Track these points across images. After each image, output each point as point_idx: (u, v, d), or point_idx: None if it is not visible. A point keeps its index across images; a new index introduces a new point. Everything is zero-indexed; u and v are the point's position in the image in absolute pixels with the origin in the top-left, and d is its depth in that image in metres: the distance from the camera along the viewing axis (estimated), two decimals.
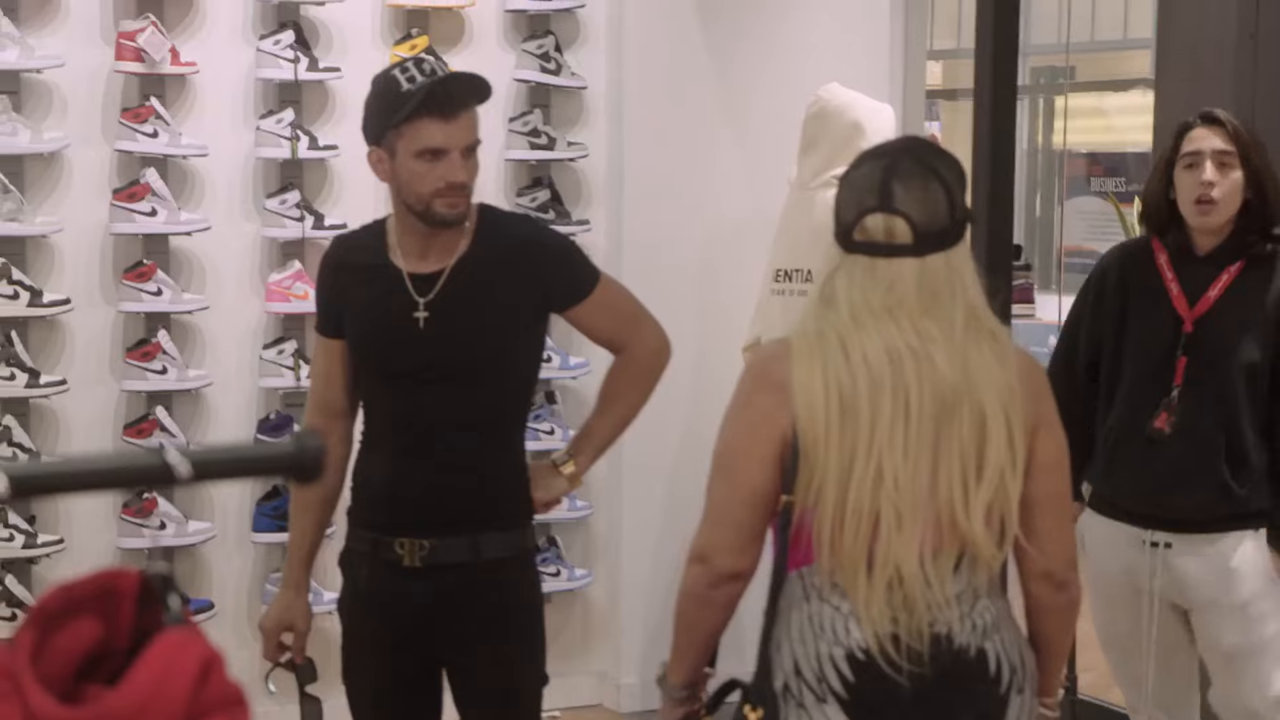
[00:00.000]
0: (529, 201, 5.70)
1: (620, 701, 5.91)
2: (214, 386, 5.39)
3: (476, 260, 3.32)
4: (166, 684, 1.19)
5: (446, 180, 3.22)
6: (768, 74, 5.92)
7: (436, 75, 3.23)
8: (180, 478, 1.27)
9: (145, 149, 5.21)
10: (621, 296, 3.49)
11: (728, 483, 2.64)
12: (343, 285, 3.41)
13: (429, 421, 3.31)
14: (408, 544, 3.32)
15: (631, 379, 3.47)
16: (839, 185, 2.68)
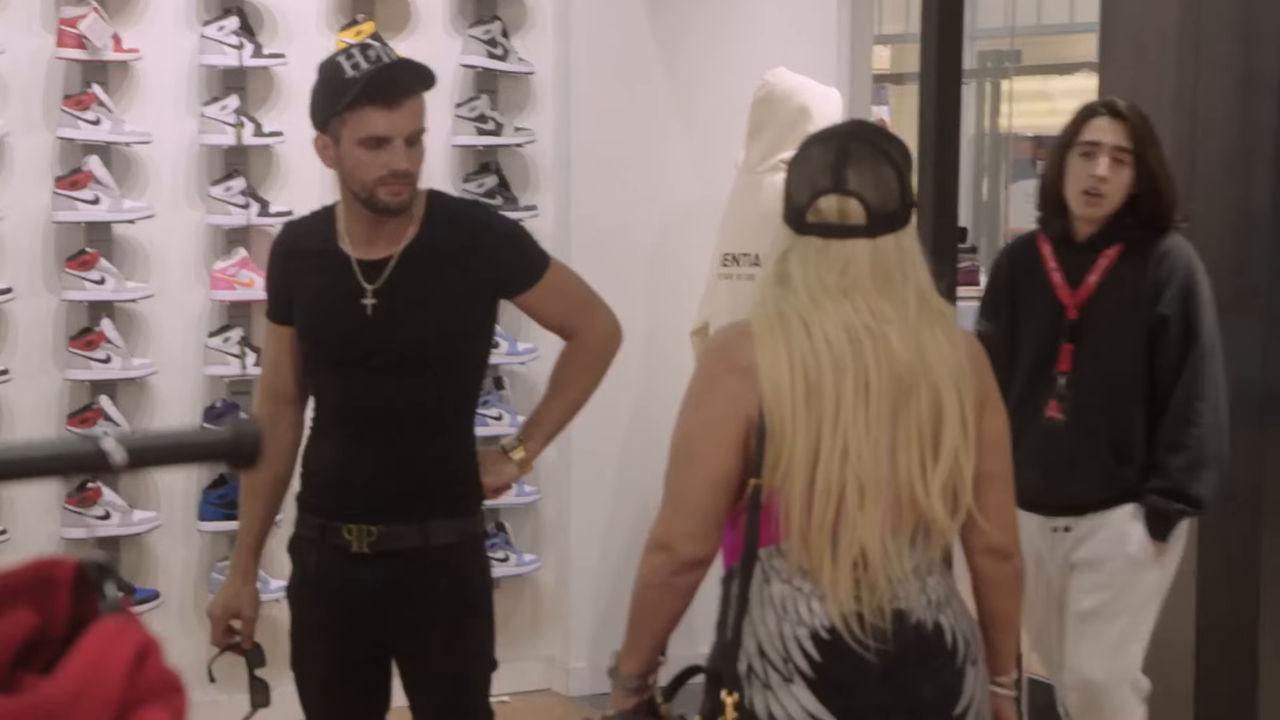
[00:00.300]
0: (476, 187, 5.68)
1: (569, 686, 5.91)
2: (159, 375, 5.36)
3: (425, 247, 3.31)
4: (101, 671, 1.18)
5: (389, 168, 3.21)
6: (715, 58, 5.92)
7: (381, 62, 3.22)
8: (115, 465, 1.25)
9: (88, 136, 5.17)
10: (572, 282, 3.49)
11: (692, 469, 2.63)
12: (292, 271, 3.41)
13: (377, 408, 3.30)
14: (355, 530, 3.32)
15: (582, 364, 3.47)
16: (789, 167, 2.69)
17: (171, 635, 5.08)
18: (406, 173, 3.23)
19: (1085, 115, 3.88)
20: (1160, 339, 3.78)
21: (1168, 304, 3.77)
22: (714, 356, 2.68)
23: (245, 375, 5.37)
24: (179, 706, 1.23)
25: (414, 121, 3.23)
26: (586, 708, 5.81)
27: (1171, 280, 3.77)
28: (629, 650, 2.75)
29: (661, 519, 2.66)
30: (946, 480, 2.58)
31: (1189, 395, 3.76)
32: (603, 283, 3.48)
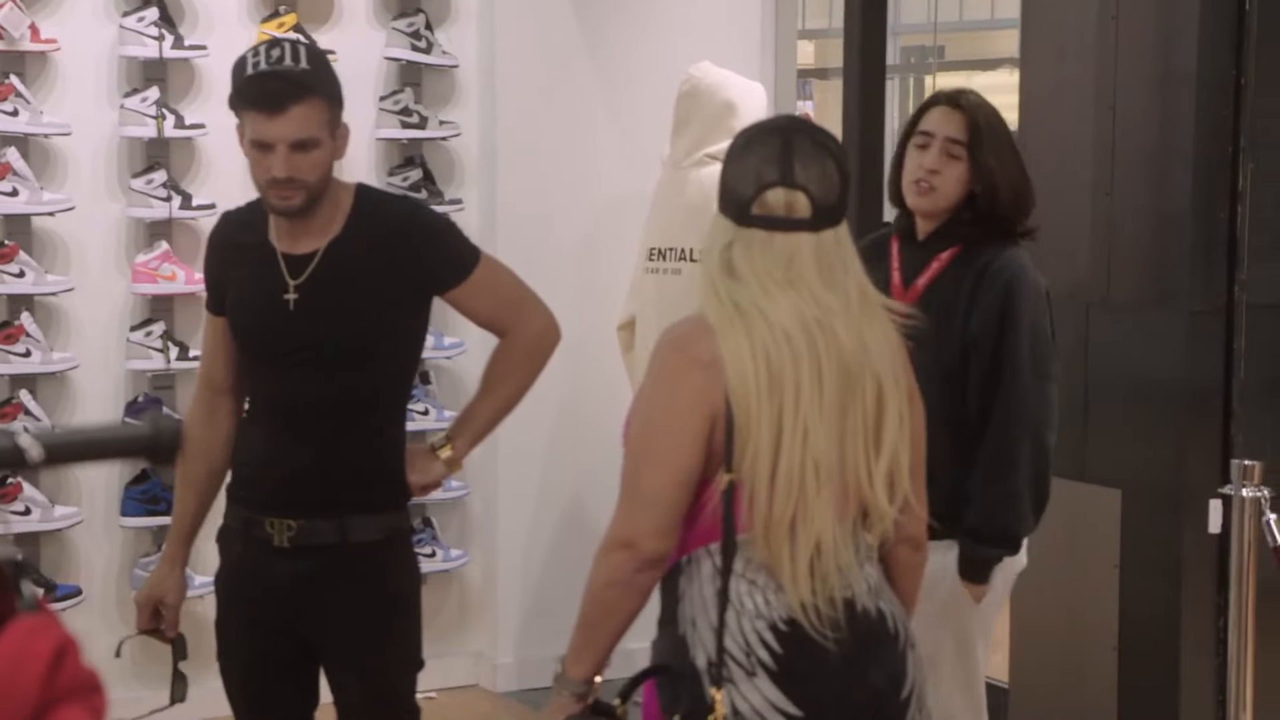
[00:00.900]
0: (401, 181, 5.66)
1: (497, 681, 5.90)
2: (80, 369, 5.30)
3: (348, 243, 3.29)
4: (19, 670, 1.17)
5: (269, 174, 3.20)
6: (640, 51, 5.92)
7: (278, 65, 3.19)
8: (32, 461, 1.24)
9: (6, 128, 5.11)
10: (503, 278, 3.44)
11: (657, 465, 2.59)
12: (225, 263, 3.41)
13: (299, 403, 3.29)
14: (277, 523, 3.30)
15: (513, 363, 3.43)
16: (727, 159, 2.67)
17: (94, 632, 5.04)
18: (288, 179, 3.20)
19: (925, 106, 3.70)
20: (970, 358, 3.49)
21: (979, 322, 3.47)
22: (672, 351, 2.64)
23: (168, 370, 5.33)
24: (98, 705, 1.22)
25: (298, 129, 3.19)
26: (513, 704, 5.80)
27: (986, 296, 3.47)
28: (580, 653, 2.69)
29: (623, 517, 2.61)
30: (888, 469, 2.63)
31: (1006, 424, 3.46)
32: (529, 277, 3.46)
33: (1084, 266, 4.38)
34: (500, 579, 5.92)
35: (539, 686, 5.82)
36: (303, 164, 3.20)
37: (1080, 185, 4.38)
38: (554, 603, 5.85)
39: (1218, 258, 4.18)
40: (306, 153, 3.20)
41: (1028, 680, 4.66)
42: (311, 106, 3.20)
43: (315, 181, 3.23)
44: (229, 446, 3.44)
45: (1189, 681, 4.29)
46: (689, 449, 2.57)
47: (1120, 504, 4.36)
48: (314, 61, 3.25)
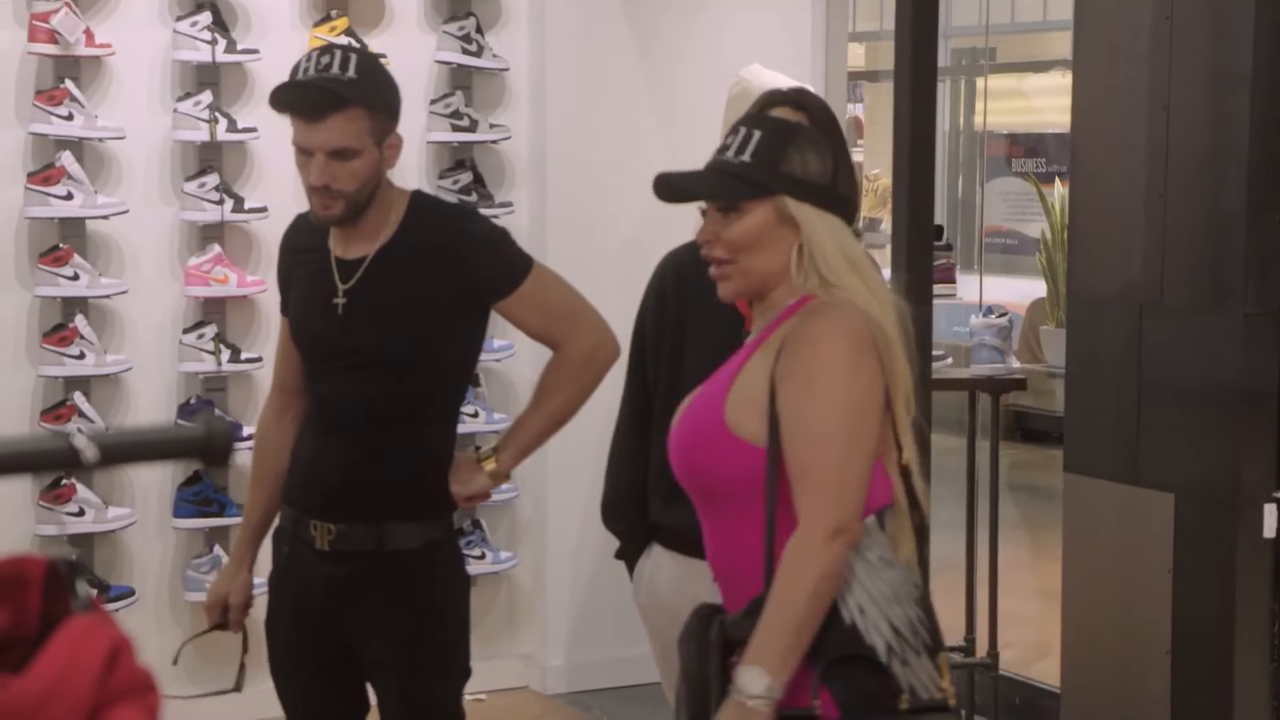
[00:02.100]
0: (451, 184, 5.67)
1: (546, 684, 5.90)
2: (133, 371, 5.33)
3: (398, 249, 3.29)
4: (73, 670, 1.17)
5: (308, 182, 3.22)
6: (690, 54, 5.92)
7: (324, 73, 3.20)
8: (87, 462, 1.24)
9: (60, 132, 5.15)
10: (555, 291, 3.41)
11: (858, 447, 2.55)
12: (289, 265, 3.44)
13: (344, 408, 3.30)
14: (319, 526, 3.32)
15: (564, 377, 3.40)
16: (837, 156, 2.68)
17: (146, 633, 5.07)
18: (324, 188, 3.20)
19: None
20: None
21: None
22: (846, 336, 2.59)
23: (219, 372, 5.36)
24: (152, 705, 1.22)
25: (335, 138, 3.18)
26: (563, 705, 5.80)
27: None
28: (790, 655, 2.51)
29: (832, 503, 2.52)
30: None
31: None
32: (578, 279, 3.44)
33: (1137, 269, 4.35)
34: (550, 581, 5.92)
35: (589, 689, 5.84)
36: (340, 173, 3.19)
37: (1134, 187, 4.35)
38: (603, 605, 5.85)
39: (1272, 261, 4.14)
40: (345, 162, 3.19)
41: (1080, 684, 4.63)
42: (350, 117, 3.18)
43: (355, 191, 3.22)
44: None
45: (1243, 686, 4.25)
46: (876, 430, 2.58)
47: (1174, 508, 4.32)
48: (363, 71, 3.24)
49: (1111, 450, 4.41)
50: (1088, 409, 4.52)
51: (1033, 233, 8.80)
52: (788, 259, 2.65)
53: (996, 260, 9.72)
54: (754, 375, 2.63)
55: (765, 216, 2.65)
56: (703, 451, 2.64)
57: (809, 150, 2.67)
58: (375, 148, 3.22)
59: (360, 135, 3.19)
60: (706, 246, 2.70)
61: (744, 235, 2.65)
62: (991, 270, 9.25)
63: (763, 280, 2.67)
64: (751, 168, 2.65)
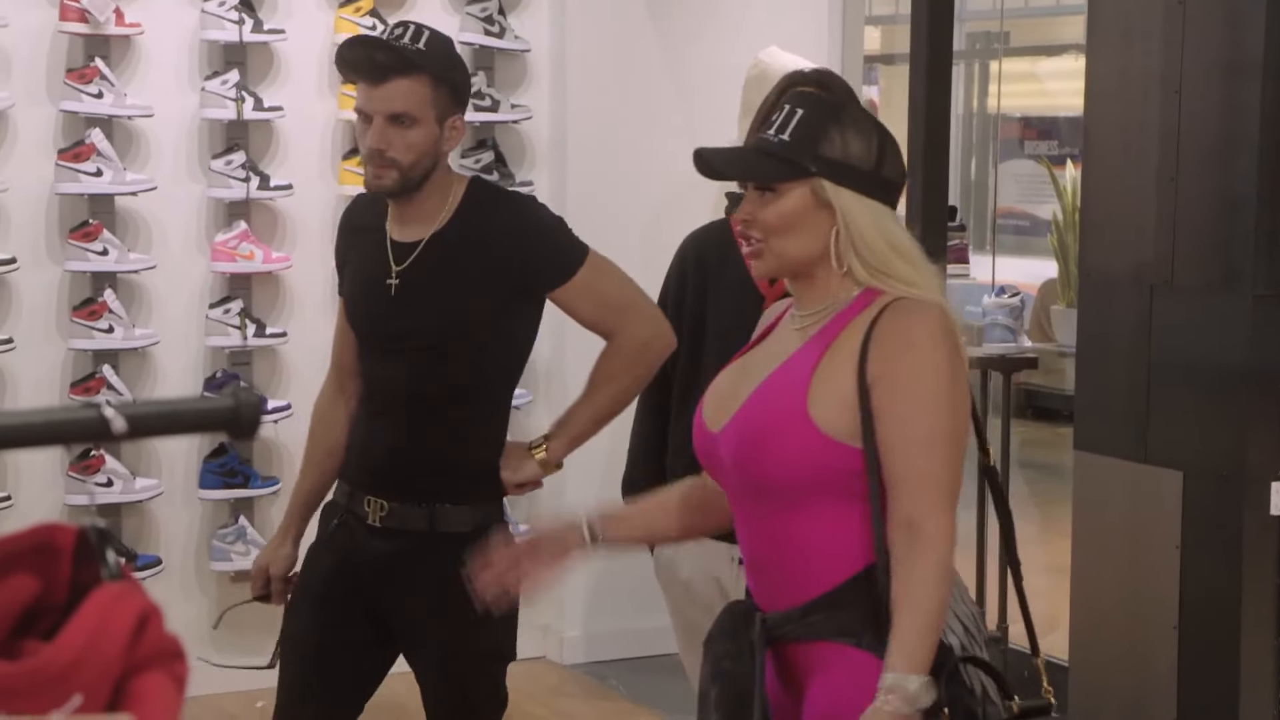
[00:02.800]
0: (473, 163, 5.67)
1: (564, 654, 5.91)
2: (160, 345, 5.34)
3: (453, 234, 3.24)
4: (102, 637, 1.17)
5: (367, 145, 3.18)
6: (709, 35, 5.90)
7: (394, 40, 3.18)
8: (116, 433, 1.24)
9: (90, 109, 5.15)
10: (610, 282, 3.35)
11: (960, 450, 2.50)
12: (346, 245, 3.42)
13: (395, 389, 3.27)
14: (373, 502, 3.29)
15: (617, 368, 3.35)
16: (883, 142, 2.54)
17: (173, 601, 5.08)
18: (379, 152, 3.16)
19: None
20: None
21: None
22: (945, 336, 2.50)
23: (245, 346, 5.36)
24: (180, 673, 1.22)
25: (396, 101, 3.14)
26: (580, 675, 5.81)
27: None
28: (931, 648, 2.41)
29: (947, 506, 2.44)
30: None
31: None
32: None
33: (1148, 250, 4.34)
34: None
35: (605, 659, 5.84)
36: (397, 140, 3.15)
37: (1145, 170, 4.33)
38: (620, 577, 5.85)
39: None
40: (404, 129, 3.15)
41: (1088, 658, 4.62)
42: (414, 82, 3.15)
43: (410, 163, 3.17)
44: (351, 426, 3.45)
45: (1249, 660, 4.24)
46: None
47: (1182, 485, 4.31)
48: (433, 46, 3.21)
49: (1121, 428, 4.40)
50: (1098, 388, 4.51)
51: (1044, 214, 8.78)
52: (825, 244, 2.51)
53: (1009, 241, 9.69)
54: (838, 372, 2.48)
55: (802, 199, 2.51)
56: (778, 445, 2.48)
57: (851, 131, 2.52)
58: (435, 124, 3.18)
59: (421, 104, 3.16)
60: (743, 225, 2.58)
61: (779, 217, 2.52)
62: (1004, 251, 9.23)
63: (796, 263, 2.54)
64: (789, 147, 2.52)
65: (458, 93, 3.24)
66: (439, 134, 3.19)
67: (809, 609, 2.46)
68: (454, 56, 3.28)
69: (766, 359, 2.58)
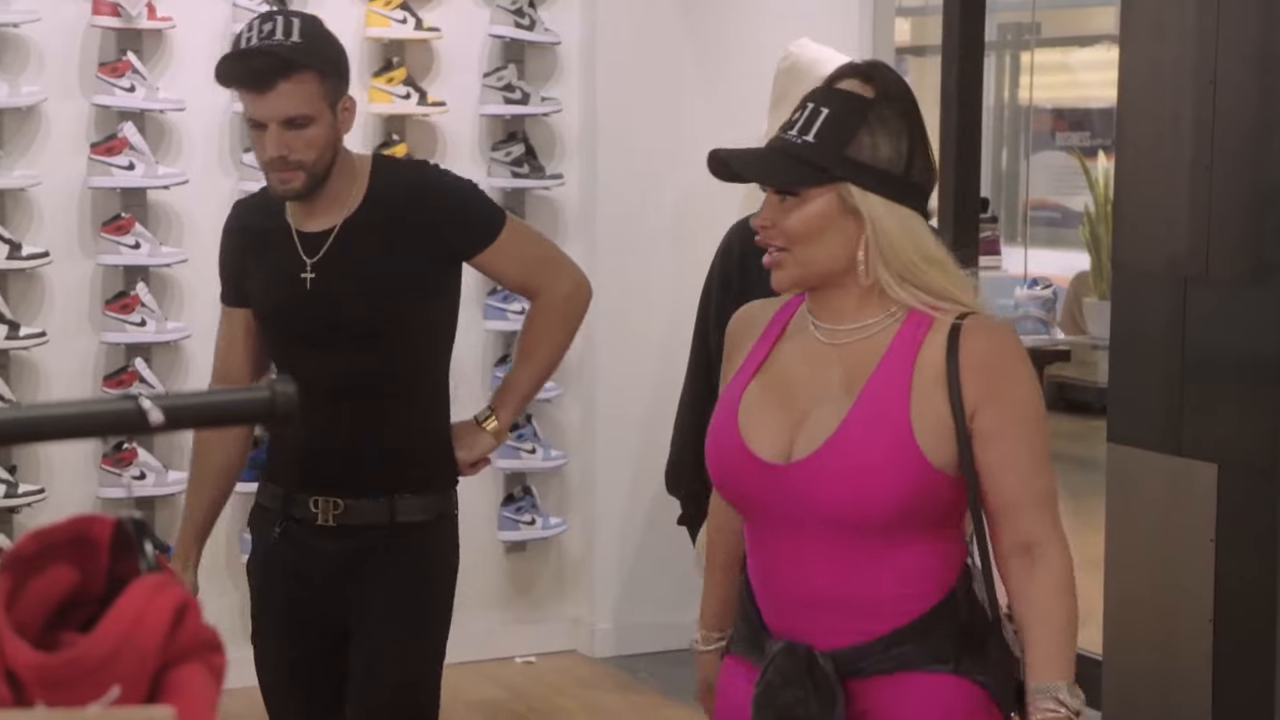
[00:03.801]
0: (504, 156, 5.66)
1: (594, 647, 5.90)
2: (192, 338, 5.35)
3: (366, 216, 3.14)
4: (140, 628, 1.17)
5: (263, 155, 3.05)
6: (739, 28, 5.88)
7: (267, 39, 3.02)
8: (153, 424, 1.24)
9: (123, 103, 5.16)
10: (529, 240, 3.32)
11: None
12: (244, 250, 3.25)
13: (330, 384, 3.09)
14: (322, 502, 3.17)
15: (548, 326, 3.31)
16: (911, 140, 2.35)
17: (204, 594, 5.08)
18: (281, 159, 3.03)
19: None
20: None
21: None
22: (1027, 356, 2.46)
23: None
24: (217, 664, 1.22)
25: (287, 105, 3.00)
26: (610, 668, 5.80)
27: None
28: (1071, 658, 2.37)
29: (1060, 523, 2.40)
30: None
31: None
32: (627, 250, 3.45)
33: (1182, 242, 4.31)
34: (598, 546, 5.92)
35: (636, 652, 5.84)
36: (296, 142, 3.02)
37: (1179, 161, 4.31)
38: (651, 570, 5.85)
39: None
40: (300, 130, 3.01)
41: (1121, 652, 4.60)
42: (300, 82, 3.01)
43: (313, 160, 3.05)
44: (246, 442, 3.34)
45: None
46: None
47: (1216, 478, 4.29)
48: (307, 34, 3.05)
49: (1155, 421, 4.37)
50: (1132, 380, 4.48)
51: (1076, 206, 8.74)
52: (851, 252, 2.34)
53: (1040, 233, 9.66)
54: (932, 401, 2.33)
55: (827, 205, 2.34)
56: (889, 479, 2.31)
57: (880, 132, 2.33)
58: (329, 111, 3.05)
59: (312, 100, 3.02)
60: (762, 232, 2.40)
61: (803, 224, 2.34)
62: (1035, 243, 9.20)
63: (820, 274, 2.37)
64: (814, 149, 2.34)
65: (342, 73, 3.12)
66: (334, 121, 3.07)
67: (894, 639, 2.33)
68: (329, 39, 3.13)
69: (812, 381, 2.40)
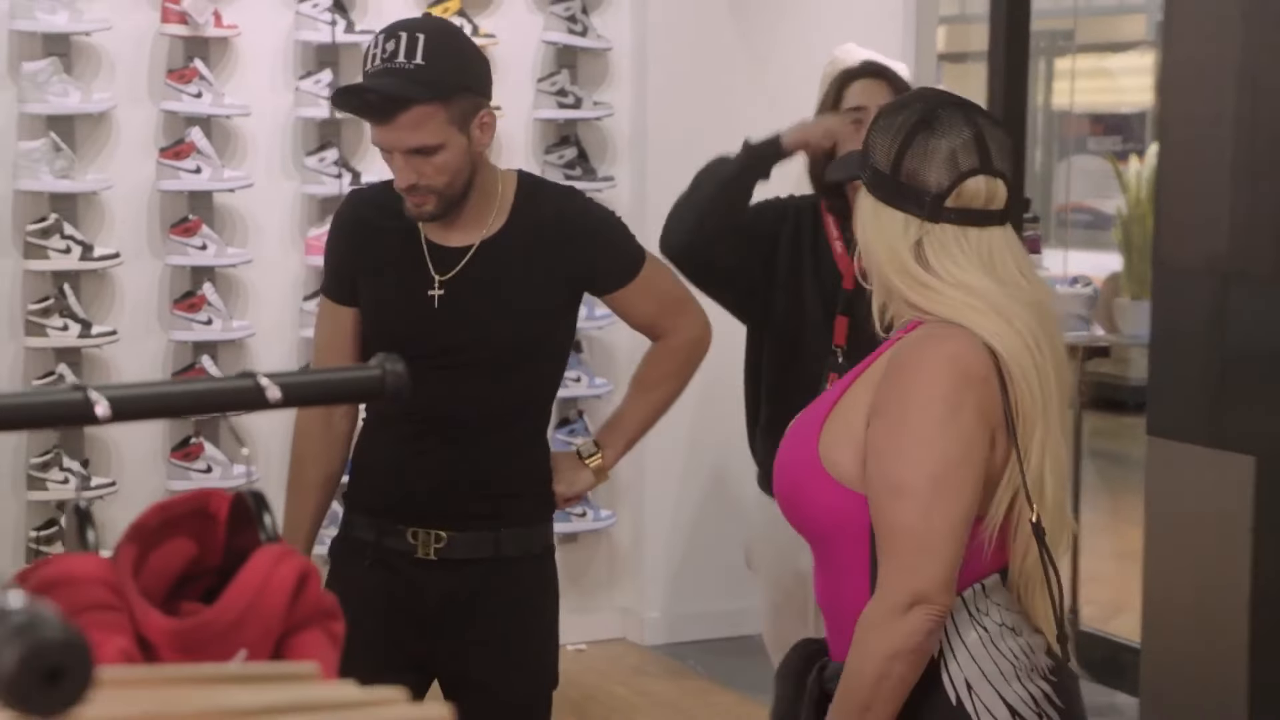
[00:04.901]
0: (557, 159, 5.68)
1: (644, 635, 5.91)
2: (256, 336, 5.38)
3: (508, 238, 2.90)
4: (265, 595, 1.18)
5: (398, 182, 2.83)
6: (788, 33, 5.88)
7: (389, 62, 2.75)
8: (272, 400, 1.25)
9: (190, 109, 5.19)
10: (665, 280, 3.09)
11: (951, 504, 2.07)
12: (356, 246, 2.97)
13: (445, 410, 2.87)
14: (422, 534, 2.92)
15: (669, 369, 3.11)
16: (906, 143, 2.19)
17: None
18: (412, 187, 2.80)
19: (844, 81, 3.53)
20: None
21: None
22: (949, 368, 2.11)
23: None
24: (336, 631, 1.23)
25: (410, 137, 2.76)
26: (660, 656, 5.81)
27: None
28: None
29: (909, 568, 2.06)
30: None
31: None
32: None
33: (1222, 240, 4.30)
34: (648, 538, 5.93)
35: (684, 640, 5.85)
36: (426, 168, 2.79)
37: (1220, 161, 4.29)
38: (699, 560, 5.86)
39: None
40: (429, 157, 2.78)
41: (1159, 641, 4.59)
42: (422, 111, 2.75)
43: (445, 184, 2.81)
44: (346, 449, 3.06)
45: None
46: (976, 481, 2.10)
47: (1254, 470, 4.27)
48: (433, 54, 2.77)
49: (1194, 414, 4.36)
50: (1171, 374, 4.47)
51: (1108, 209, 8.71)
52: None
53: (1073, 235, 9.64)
54: (853, 408, 2.17)
55: (860, 211, 2.24)
56: (795, 487, 2.22)
57: (881, 129, 2.22)
58: (460, 135, 2.80)
59: (437, 129, 2.77)
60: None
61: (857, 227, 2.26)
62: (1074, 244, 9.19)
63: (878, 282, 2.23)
64: (861, 152, 2.27)
65: (475, 89, 2.84)
66: (468, 143, 2.82)
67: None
68: (458, 55, 2.84)
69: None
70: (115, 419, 1.21)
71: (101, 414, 1.19)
